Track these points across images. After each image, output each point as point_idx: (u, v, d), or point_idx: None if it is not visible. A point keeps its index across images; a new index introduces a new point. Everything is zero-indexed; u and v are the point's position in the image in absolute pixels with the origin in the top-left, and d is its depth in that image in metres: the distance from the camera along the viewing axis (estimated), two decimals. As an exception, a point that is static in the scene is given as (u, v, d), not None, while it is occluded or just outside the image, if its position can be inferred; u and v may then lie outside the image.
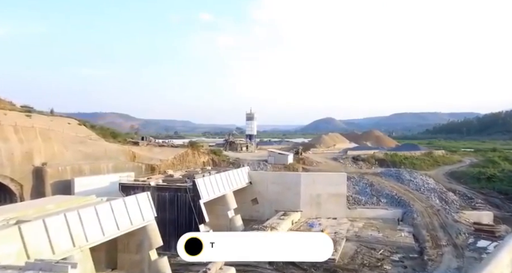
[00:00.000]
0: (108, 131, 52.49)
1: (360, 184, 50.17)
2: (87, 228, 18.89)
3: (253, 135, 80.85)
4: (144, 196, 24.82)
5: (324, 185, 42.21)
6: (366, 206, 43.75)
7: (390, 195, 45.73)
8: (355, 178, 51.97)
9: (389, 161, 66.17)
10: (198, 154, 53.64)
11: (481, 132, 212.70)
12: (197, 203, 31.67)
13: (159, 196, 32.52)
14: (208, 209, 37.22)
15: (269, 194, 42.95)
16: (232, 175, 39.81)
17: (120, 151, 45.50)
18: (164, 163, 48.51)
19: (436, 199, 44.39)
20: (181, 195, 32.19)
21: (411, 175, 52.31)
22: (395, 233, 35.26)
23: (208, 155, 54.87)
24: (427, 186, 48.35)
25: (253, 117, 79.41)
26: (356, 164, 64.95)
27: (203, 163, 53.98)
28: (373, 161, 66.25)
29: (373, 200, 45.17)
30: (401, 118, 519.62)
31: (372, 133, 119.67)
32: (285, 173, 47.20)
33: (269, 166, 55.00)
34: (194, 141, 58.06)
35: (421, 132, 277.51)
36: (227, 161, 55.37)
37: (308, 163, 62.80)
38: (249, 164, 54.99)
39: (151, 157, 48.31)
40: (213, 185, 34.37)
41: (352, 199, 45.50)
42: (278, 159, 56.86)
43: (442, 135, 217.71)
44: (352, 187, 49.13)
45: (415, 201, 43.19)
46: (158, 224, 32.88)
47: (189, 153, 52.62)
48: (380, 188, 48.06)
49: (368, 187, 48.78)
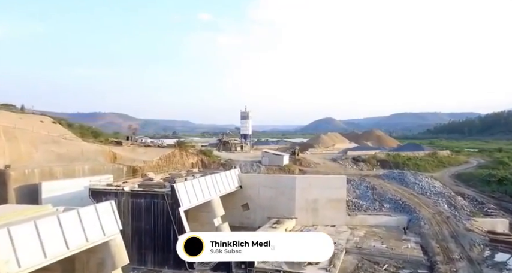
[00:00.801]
0: (89, 130, 48.62)
1: (360, 187, 46.36)
2: (20, 250, 15.05)
3: (249, 134, 76.92)
4: (106, 205, 20.93)
5: (322, 189, 38.35)
6: (367, 212, 39.88)
7: (394, 200, 41.89)
8: (355, 180, 48.18)
9: (392, 162, 62.40)
10: (186, 155, 49.80)
11: (483, 132, 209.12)
12: (176, 211, 27.79)
13: (133, 203, 28.73)
14: (192, 217, 33.61)
15: (261, 199, 39.14)
16: (220, 178, 35.95)
17: (99, 151, 41.65)
18: (148, 165, 44.69)
19: (444, 204, 40.55)
20: (158, 202, 28.31)
21: (416, 178, 48.46)
22: (401, 244, 31.41)
23: (197, 156, 51.04)
24: (433, 190, 44.51)
25: (248, 115, 75.46)
26: (356, 165, 61.17)
27: (192, 164, 50.18)
28: (374, 162, 62.48)
29: (375, 206, 41.31)
30: (401, 118, 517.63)
31: (372, 132, 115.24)
32: (278, 176, 43.30)
33: (263, 168, 51.17)
34: (182, 141, 54.23)
35: (421, 131, 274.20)
36: (218, 163, 51.55)
37: (305, 164, 58.99)
38: (241, 165, 51.18)
39: (134, 158, 44.43)
40: (196, 191, 30.49)
41: (352, 204, 41.67)
42: (273, 160, 53.03)
43: (444, 134, 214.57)
44: (352, 190, 45.34)
45: (422, 206, 39.35)
46: (133, 235, 29.32)
47: (177, 154, 48.77)
48: (382, 192, 44.22)
49: (369, 191, 44.95)
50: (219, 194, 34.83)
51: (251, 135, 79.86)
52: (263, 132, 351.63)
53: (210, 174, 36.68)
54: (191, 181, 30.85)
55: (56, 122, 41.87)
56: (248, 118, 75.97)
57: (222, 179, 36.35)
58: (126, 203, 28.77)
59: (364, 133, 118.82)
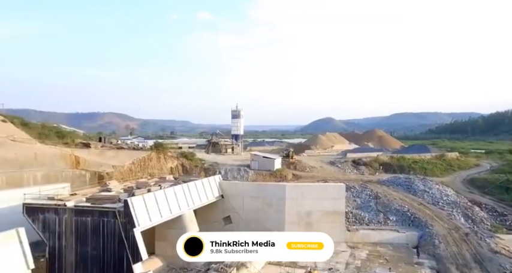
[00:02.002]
0: (53, 130, 42.76)
1: (362, 195, 40.55)
2: None
3: (240, 135, 71.09)
4: (8, 236, 15.02)
5: (316, 200, 32.48)
6: (370, 227, 34.13)
7: (401, 211, 36.06)
8: (355, 187, 42.36)
9: (396, 165, 56.53)
10: (164, 158, 43.97)
11: (487, 132, 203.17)
12: (130, 233, 21.93)
13: (78, 222, 22.85)
14: (160, 235, 27.92)
15: (246, 212, 33.28)
16: (195, 187, 30.06)
17: (58, 155, 35.83)
18: (118, 170, 38.97)
19: (460, 216, 34.76)
20: (108, 221, 22.43)
21: (425, 184, 42.55)
22: (413, 270, 25.57)
23: (177, 160, 45.18)
24: (446, 199, 38.65)
25: (239, 114, 69.65)
26: (357, 169, 55.30)
27: (171, 169, 44.38)
28: (376, 165, 56.62)
29: (379, 218, 35.51)
30: (401, 118, 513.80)
31: (374, 133, 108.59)
32: (265, 184, 37.36)
33: (251, 173, 45.34)
34: (160, 143, 48.24)
35: (423, 131, 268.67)
36: (200, 167, 45.70)
37: (300, 168, 53.16)
38: (226, 170, 45.41)
39: (102, 163, 38.68)
40: (160, 205, 24.58)
41: (352, 216, 35.90)
42: (263, 164, 47.20)
43: (446, 134, 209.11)
44: (352, 199, 39.56)
45: (434, 220, 33.51)
46: (77, 263, 23.33)
47: (153, 157, 42.97)
48: (387, 201, 38.38)
49: (372, 200, 39.12)
50: (193, 207, 28.98)
51: (243, 135, 73.93)
52: (263, 132, 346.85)
53: (185, 182, 31.00)
54: (154, 193, 24.94)
55: (6, 121, 35.99)
56: (239, 117, 70.18)
57: (197, 188, 30.47)
58: (69, 222, 22.91)
59: (365, 133, 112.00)
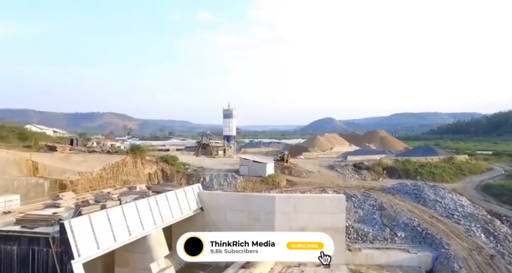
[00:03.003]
0: (14, 131, 37.77)
1: (364, 205, 35.55)
2: None
3: (232, 135, 66.00)
4: None
5: (312, 213, 27.42)
6: (375, 246, 29.04)
7: (410, 225, 31.04)
8: (357, 196, 37.39)
9: (401, 170, 51.58)
10: (141, 163, 38.95)
11: (490, 132, 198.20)
12: (67, 267, 16.92)
13: (1, 251, 17.83)
14: (120, 260, 23.03)
15: (229, 227, 28.04)
16: (165, 200, 25.08)
17: (12, 161, 30.91)
18: (86, 178, 34.00)
19: (481, 232, 29.69)
20: (40, 250, 17.44)
21: (436, 193, 37.54)
22: (430, 307, 20.57)
23: (156, 165, 40.14)
24: (462, 210, 33.61)
25: (231, 113, 64.56)
26: (358, 174, 50.29)
27: (149, 175, 39.39)
28: (380, 170, 51.62)
29: (385, 234, 30.45)
30: (401, 118, 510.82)
31: (375, 133, 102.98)
32: (251, 195, 32.13)
33: (239, 180, 40.32)
34: (137, 145, 43.03)
35: (424, 132, 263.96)
36: (183, 173, 40.66)
37: (296, 173, 48.15)
38: (212, 176, 40.39)
39: (67, 169, 33.70)
40: (114, 226, 19.54)
41: (353, 232, 30.86)
42: (253, 169, 42.18)
43: (448, 135, 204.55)
44: (353, 210, 34.57)
45: (450, 237, 28.50)
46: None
47: (128, 162, 37.96)
48: (394, 213, 33.38)
49: (376, 212, 34.12)
50: (162, 225, 23.99)
51: (235, 136, 68.88)
52: (262, 132, 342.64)
53: (158, 193, 26.15)
54: (107, 211, 19.93)
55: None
56: (231, 117, 65.08)
57: (169, 201, 25.48)
58: (-9, 250, 17.93)
59: (367, 134, 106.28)
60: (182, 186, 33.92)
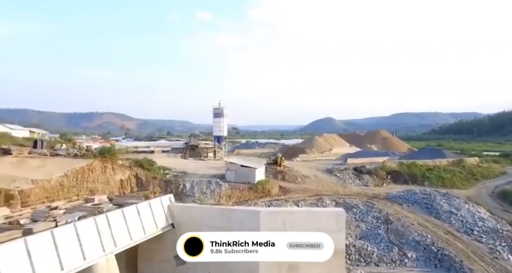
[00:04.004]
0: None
1: (367, 218, 30.70)
2: None
3: (223, 136, 61.01)
4: None
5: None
6: (380, 269, 24.18)
7: (422, 244, 26.18)
8: (359, 206, 32.56)
9: (407, 174, 46.59)
10: (112, 168, 34.00)
11: (494, 133, 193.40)
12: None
13: None
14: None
15: (204, 248, 23.32)
16: (122, 218, 20.14)
17: None
18: (42, 187, 29.12)
19: (508, 253, 24.82)
20: None
21: (450, 202, 32.68)
22: None
23: (130, 170, 35.18)
24: (482, 225, 28.70)
25: (222, 112, 59.57)
26: (360, 179, 45.33)
27: (121, 182, 34.45)
28: (383, 174, 46.66)
29: (393, 254, 25.58)
30: (401, 118, 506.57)
31: (377, 134, 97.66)
32: (232, 209, 26.93)
33: (225, 187, 35.36)
34: (108, 148, 37.75)
35: (425, 132, 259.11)
36: (160, 179, 35.71)
37: (290, 178, 43.23)
38: (194, 183, 35.48)
39: (18, 177, 28.82)
40: (33, 263, 14.61)
41: (355, 252, 25.99)
42: (241, 175, 37.26)
43: (450, 135, 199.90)
44: (354, 224, 29.73)
45: (473, 260, 23.63)
46: None
47: (96, 167, 33.02)
48: (402, 228, 28.50)
49: (381, 226, 29.28)
50: (114, 250, 19.04)
51: (226, 137, 63.91)
52: (262, 132, 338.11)
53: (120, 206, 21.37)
54: (25, 240, 14.95)
55: None
56: (222, 116, 60.07)
57: (126, 220, 20.53)
58: None
59: (368, 134, 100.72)
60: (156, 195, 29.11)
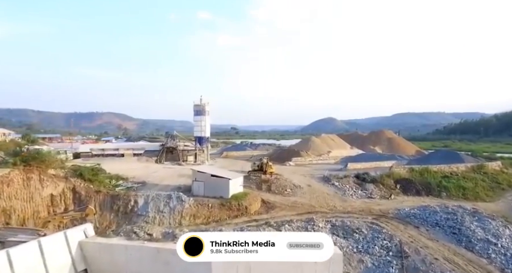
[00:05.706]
0: None
1: (373, 248, 22.63)
2: None
3: (205, 137, 52.96)
4: None
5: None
6: None
7: (455, 293, 18.09)
8: (362, 231, 24.53)
9: (420, 183, 38.52)
10: (39, 179, 26.00)
11: (502, 132, 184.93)
12: None
13: None
14: None
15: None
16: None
17: None
18: None
19: None
20: None
21: (484, 225, 24.60)
22: None
23: (65, 182, 27.13)
24: (535, 261, 20.62)
25: (203, 110, 51.53)
26: (362, 189, 37.24)
27: (51, 197, 26.46)
28: (391, 183, 38.60)
29: (413, 310, 17.50)
30: (403, 118, 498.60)
31: (381, 134, 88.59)
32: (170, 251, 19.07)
33: (189, 203, 27.25)
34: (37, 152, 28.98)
35: (429, 132, 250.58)
36: (106, 193, 27.60)
37: (277, 189, 35.25)
38: (149, 199, 27.44)
39: None
40: None
41: (358, 305, 17.91)
42: (211, 187, 29.17)
43: (456, 135, 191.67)
44: (356, 257, 21.73)
45: None
46: None
47: (15, 179, 25.03)
48: (423, 265, 20.46)
49: (393, 260, 21.23)
50: None
51: (209, 138, 55.85)
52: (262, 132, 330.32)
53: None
54: None
55: None
56: (204, 114, 52.04)
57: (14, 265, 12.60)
58: None
59: (371, 135, 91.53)
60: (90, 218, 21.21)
